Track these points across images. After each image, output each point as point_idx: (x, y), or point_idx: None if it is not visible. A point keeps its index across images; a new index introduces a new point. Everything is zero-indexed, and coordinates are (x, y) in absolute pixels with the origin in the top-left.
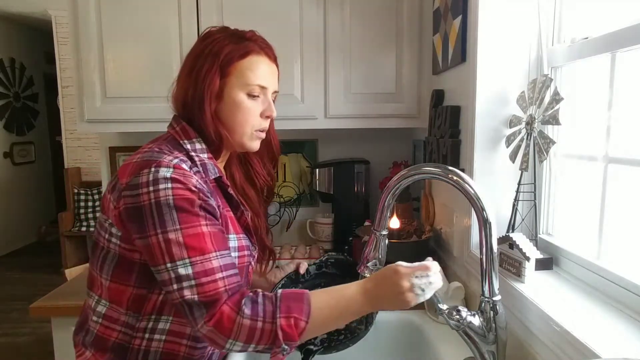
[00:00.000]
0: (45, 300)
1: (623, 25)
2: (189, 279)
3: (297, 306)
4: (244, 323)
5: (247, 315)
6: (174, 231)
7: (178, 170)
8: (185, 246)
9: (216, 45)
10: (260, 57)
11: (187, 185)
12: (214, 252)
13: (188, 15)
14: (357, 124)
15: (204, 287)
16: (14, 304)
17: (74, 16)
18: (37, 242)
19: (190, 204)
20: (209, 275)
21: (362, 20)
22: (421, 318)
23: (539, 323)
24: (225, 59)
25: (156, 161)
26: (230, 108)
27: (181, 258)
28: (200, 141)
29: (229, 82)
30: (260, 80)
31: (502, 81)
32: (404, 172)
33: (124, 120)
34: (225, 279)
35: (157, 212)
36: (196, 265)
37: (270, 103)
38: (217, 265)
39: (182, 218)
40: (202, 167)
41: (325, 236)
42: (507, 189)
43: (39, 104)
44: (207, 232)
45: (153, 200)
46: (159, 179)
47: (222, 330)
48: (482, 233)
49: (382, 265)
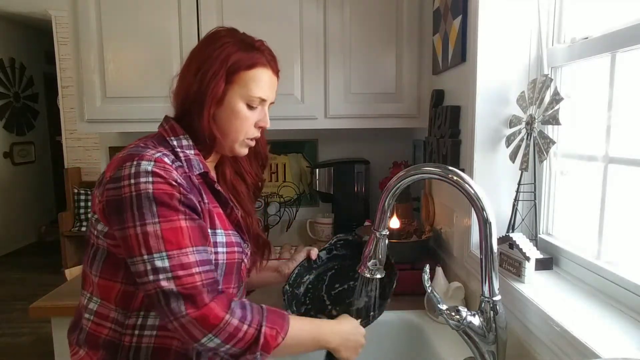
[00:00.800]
0: (45, 300)
1: (623, 25)
2: (165, 271)
3: (280, 322)
4: (232, 322)
5: (237, 316)
6: (152, 224)
7: (159, 164)
8: (163, 239)
9: (225, 51)
10: (266, 69)
11: (167, 179)
12: (190, 247)
13: (188, 16)
14: (357, 124)
15: (181, 280)
16: (14, 304)
17: (74, 16)
18: (37, 242)
19: (169, 198)
20: (185, 269)
21: (362, 20)
22: (421, 318)
23: (539, 323)
24: (233, 67)
25: (138, 155)
26: (228, 114)
27: (158, 250)
28: (187, 138)
29: (232, 89)
30: (261, 93)
31: (502, 81)
32: (403, 172)
33: (124, 120)
34: (202, 274)
35: (136, 205)
36: (173, 258)
37: (266, 114)
38: (193, 260)
39: (161, 211)
40: (187, 163)
41: (325, 236)
42: (507, 189)
43: (39, 104)
44: (185, 227)
45: (134, 192)
46: (140, 172)
47: (205, 324)
48: (482, 233)
49: (382, 266)
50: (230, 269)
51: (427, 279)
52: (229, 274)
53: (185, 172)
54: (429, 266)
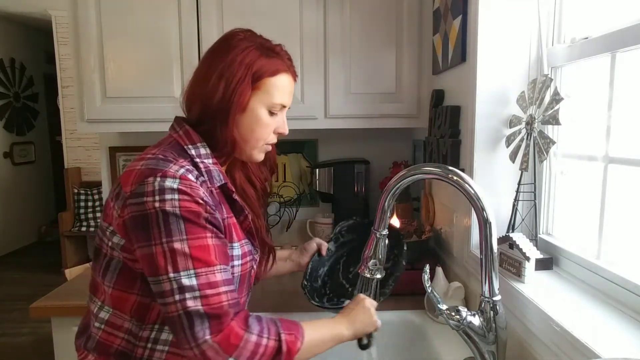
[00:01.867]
0: (45, 300)
1: (623, 25)
2: (193, 290)
3: (295, 327)
4: (251, 339)
5: (255, 331)
6: (179, 241)
7: (185, 182)
8: (191, 257)
9: (249, 56)
10: (287, 75)
11: (194, 198)
12: (218, 265)
13: (188, 15)
14: (357, 124)
15: (209, 299)
16: (14, 304)
17: (74, 16)
18: (37, 242)
19: (196, 216)
20: (213, 287)
21: (362, 20)
22: (421, 318)
23: (539, 323)
24: (257, 73)
25: (162, 170)
26: (250, 121)
27: (186, 268)
28: (205, 146)
29: (255, 96)
30: (283, 99)
31: (502, 81)
32: (403, 172)
33: (124, 120)
34: (228, 294)
35: (163, 221)
36: (201, 277)
37: (284, 121)
38: (220, 279)
39: (189, 229)
40: (208, 175)
41: (325, 236)
42: (507, 189)
43: (39, 104)
44: (212, 245)
45: (159, 209)
46: (165, 188)
47: (227, 347)
48: (482, 233)
49: (382, 265)
50: (244, 279)
51: (427, 279)
52: (243, 284)
53: (209, 187)
54: (429, 266)
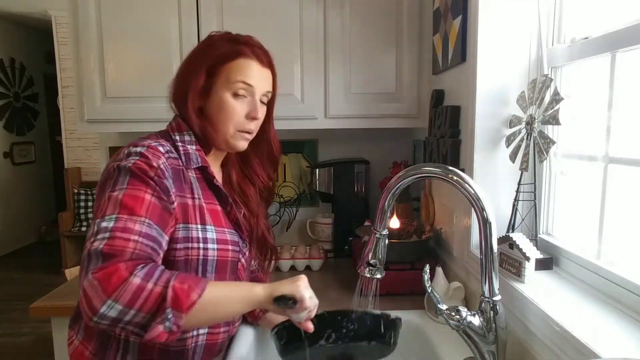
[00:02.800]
0: (45, 300)
1: (623, 25)
2: (105, 231)
3: (194, 279)
4: (133, 281)
5: (139, 275)
6: (119, 190)
7: (150, 150)
8: (121, 204)
9: (210, 47)
10: (251, 60)
11: (150, 161)
12: (143, 217)
13: (188, 15)
14: (357, 124)
15: (114, 241)
16: (14, 304)
17: (74, 16)
18: (37, 242)
19: (144, 173)
20: (125, 232)
21: (362, 20)
22: (421, 318)
23: (539, 323)
24: (215, 59)
25: (135, 143)
26: (216, 106)
27: (111, 213)
28: (191, 134)
29: (217, 82)
30: (244, 77)
31: (502, 81)
32: (403, 172)
33: (124, 120)
34: (138, 243)
35: (115, 176)
36: (120, 220)
37: (256, 104)
38: (137, 229)
39: (132, 181)
40: (185, 157)
41: (325, 236)
42: (507, 189)
43: (39, 104)
44: (148, 200)
45: (117, 166)
46: (130, 152)
47: (107, 286)
48: (482, 233)
49: (382, 266)
50: (223, 266)
51: (427, 279)
52: (222, 272)
53: (179, 166)
54: (429, 266)
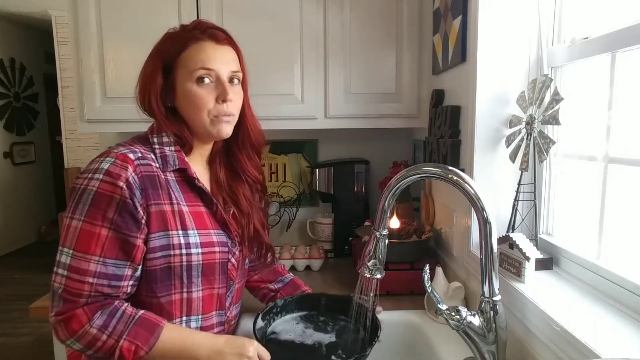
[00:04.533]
0: (45, 300)
1: (623, 25)
2: (64, 268)
3: (144, 335)
4: (90, 332)
5: (96, 325)
6: (77, 220)
7: (118, 162)
8: (77, 238)
9: (161, 45)
10: (202, 42)
11: (115, 181)
12: (97, 256)
13: (188, 16)
14: (357, 124)
15: (70, 283)
16: (14, 304)
17: (74, 16)
18: (37, 242)
19: (106, 202)
20: (80, 274)
21: (362, 20)
22: (421, 318)
23: (539, 323)
24: (168, 55)
25: (108, 152)
26: (183, 100)
27: (69, 246)
28: (169, 135)
29: (177, 76)
30: (202, 63)
31: (502, 81)
32: (403, 172)
33: (124, 120)
34: (92, 285)
35: (78, 198)
36: (75, 259)
37: (224, 87)
38: (92, 269)
39: (90, 211)
40: (162, 159)
41: (325, 236)
42: (507, 189)
43: (39, 104)
44: (104, 235)
45: (83, 186)
46: (98, 168)
47: (67, 329)
48: (482, 233)
49: (382, 265)
50: (211, 269)
51: (427, 279)
52: (210, 274)
53: (153, 172)
54: (429, 266)
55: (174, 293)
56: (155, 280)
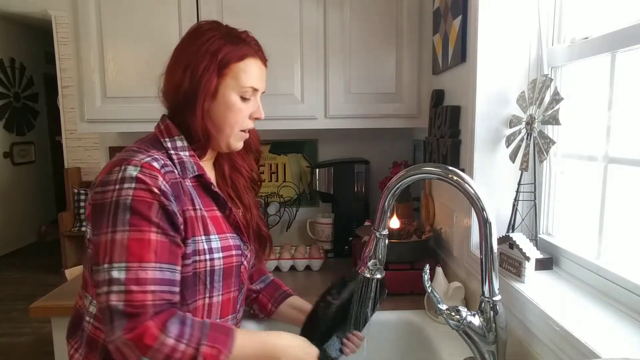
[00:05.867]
0: (45, 300)
1: (623, 25)
2: (119, 284)
3: (222, 339)
4: (167, 342)
5: (172, 335)
6: (121, 232)
7: (145, 170)
8: (127, 250)
9: (214, 44)
10: (255, 60)
11: (149, 187)
12: (152, 262)
13: (188, 15)
14: (357, 124)
15: (132, 296)
16: (14, 304)
17: (74, 16)
18: (37, 242)
19: (146, 208)
20: (140, 284)
21: (362, 20)
22: (421, 318)
23: (539, 323)
24: (224, 60)
25: (127, 159)
26: (223, 108)
27: (119, 261)
28: (182, 139)
29: (224, 83)
30: (253, 82)
31: (502, 81)
32: (403, 172)
33: (124, 120)
34: (155, 293)
35: (113, 211)
36: (130, 271)
37: (259, 106)
38: (151, 277)
39: (133, 221)
40: (180, 166)
41: (325, 236)
42: (507, 189)
43: (39, 104)
44: (155, 240)
45: (114, 199)
46: (125, 177)
47: (140, 346)
48: (482, 233)
49: (382, 266)
50: (229, 273)
51: (427, 279)
52: (228, 278)
53: (176, 178)
54: (429, 266)
55: (198, 299)
56: (186, 287)
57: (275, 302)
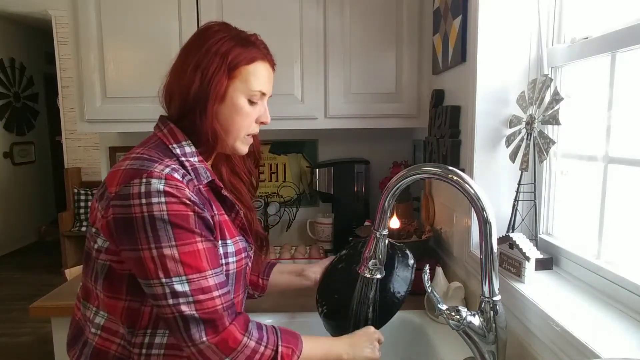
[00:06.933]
0: (45, 300)
1: (623, 25)
2: (186, 296)
3: (294, 341)
4: (249, 344)
5: (253, 338)
6: (169, 247)
7: (170, 182)
8: (182, 263)
9: (224, 46)
10: (264, 63)
11: (181, 199)
12: (209, 270)
13: (188, 15)
14: (357, 124)
15: (203, 304)
16: (14, 304)
17: (74, 16)
18: (37, 242)
19: (185, 220)
20: (206, 292)
21: (362, 20)
22: (421, 318)
23: (539, 323)
24: (233, 62)
25: (147, 171)
26: (230, 110)
27: (177, 274)
28: (190, 144)
29: (233, 85)
30: (262, 86)
31: (502, 81)
32: (403, 172)
33: (124, 120)
34: (221, 297)
35: (150, 227)
36: (193, 282)
37: (266, 110)
38: (213, 284)
39: (178, 234)
40: (194, 173)
41: (325, 236)
42: (507, 189)
43: (39, 104)
44: (203, 249)
45: (146, 213)
46: (151, 191)
47: (224, 349)
48: (482, 233)
49: (382, 265)
50: (240, 276)
51: (427, 279)
52: (239, 281)
53: (195, 185)
54: (429, 266)
55: None
56: None
57: (264, 275)
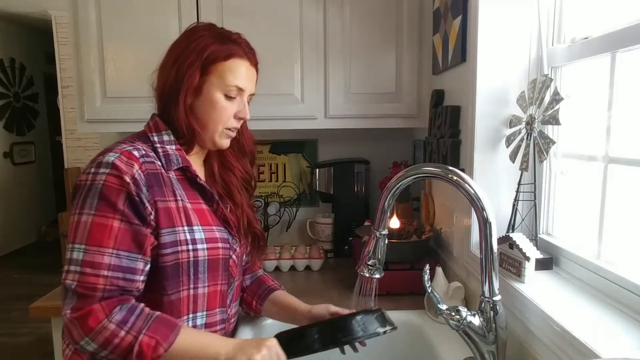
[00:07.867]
0: (45, 300)
1: (623, 25)
2: (76, 264)
3: (164, 332)
4: (108, 327)
5: (115, 321)
6: (87, 214)
7: (123, 157)
8: (89, 232)
9: (201, 42)
10: (242, 60)
11: (122, 175)
12: (110, 248)
13: (188, 15)
14: (357, 124)
15: (84, 278)
16: (14, 304)
17: (74, 16)
18: (37, 242)
19: (115, 195)
20: (94, 268)
21: (362, 20)
22: (421, 318)
23: (539, 323)
24: (209, 58)
25: (111, 149)
26: (206, 105)
27: (80, 242)
28: (169, 133)
29: (209, 80)
30: (238, 82)
31: (502, 81)
32: (403, 172)
33: (124, 120)
34: (109, 279)
35: (85, 194)
36: (88, 254)
37: (245, 105)
38: (106, 262)
39: (100, 205)
40: (165, 158)
41: (325, 236)
42: (507, 189)
43: (39, 104)
44: (117, 227)
45: (89, 182)
46: (102, 162)
47: (84, 327)
48: (482, 233)
49: (381, 265)
50: (215, 265)
51: (427, 279)
52: (214, 270)
53: (156, 169)
54: (429, 266)
55: (182, 290)
56: (166, 277)
57: (259, 299)
